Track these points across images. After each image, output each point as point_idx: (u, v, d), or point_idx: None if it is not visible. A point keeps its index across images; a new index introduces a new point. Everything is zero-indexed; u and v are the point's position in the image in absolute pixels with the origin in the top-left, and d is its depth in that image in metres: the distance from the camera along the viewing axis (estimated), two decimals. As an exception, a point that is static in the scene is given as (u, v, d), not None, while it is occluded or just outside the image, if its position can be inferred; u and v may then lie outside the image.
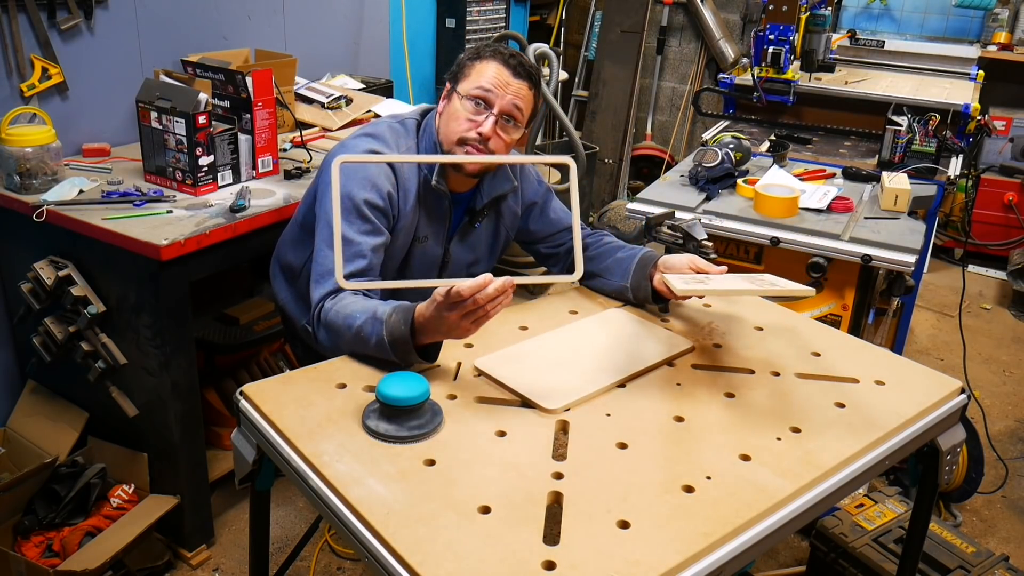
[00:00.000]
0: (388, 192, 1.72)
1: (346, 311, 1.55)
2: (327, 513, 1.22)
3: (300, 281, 1.93)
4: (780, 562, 2.49)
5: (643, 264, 1.79)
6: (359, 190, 1.68)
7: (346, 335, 1.54)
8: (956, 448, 1.57)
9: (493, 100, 1.71)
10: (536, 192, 1.97)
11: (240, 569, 2.38)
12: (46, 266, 2.20)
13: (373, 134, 1.79)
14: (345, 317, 1.54)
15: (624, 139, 5.07)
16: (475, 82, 1.72)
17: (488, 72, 1.71)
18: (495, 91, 1.70)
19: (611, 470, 1.27)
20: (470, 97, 1.71)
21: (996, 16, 4.67)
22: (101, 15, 2.56)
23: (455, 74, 1.77)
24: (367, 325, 1.50)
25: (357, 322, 1.52)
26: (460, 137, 1.72)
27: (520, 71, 1.72)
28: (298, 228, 1.94)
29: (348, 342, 1.55)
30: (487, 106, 1.71)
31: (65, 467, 2.34)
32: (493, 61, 1.72)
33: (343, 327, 1.54)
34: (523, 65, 1.73)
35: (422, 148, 1.81)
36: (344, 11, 3.51)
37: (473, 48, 1.79)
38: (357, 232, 1.66)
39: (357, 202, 1.67)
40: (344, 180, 1.70)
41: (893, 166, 2.79)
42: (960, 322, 3.27)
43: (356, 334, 1.52)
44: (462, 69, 1.76)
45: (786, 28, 3.17)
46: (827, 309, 2.34)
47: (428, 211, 1.81)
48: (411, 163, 1.78)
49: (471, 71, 1.73)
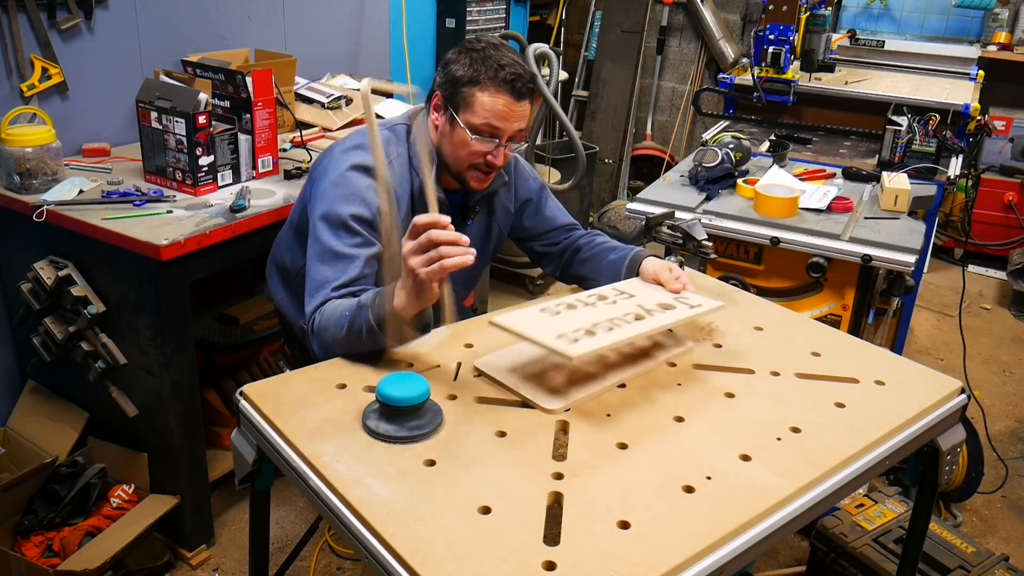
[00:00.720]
0: (378, 207, 1.70)
1: (335, 314, 1.55)
2: (327, 513, 1.22)
3: (296, 282, 1.93)
4: (780, 562, 2.49)
5: (632, 265, 1.81)
6: (344, 205, 1.66)
7: (339, 336, 1.53)
8: (956, 448, 1.57)
9: (501, 132, 1.69)
10: (531, 189, 1.97)
11: (240, 569, 2.38)
12: (46, 266, 2.20)
13: (363, 145, 1.76)
14: (336, 320, 1.54)
15: (624, 139, 5.07)
16: (480, 116, 1.67)
17: (495, 104, 1.66)
18: (502, 125, 1.68)
19: (611, 470, 1.27)
20: (476, 130, 1.69)
21: (996, 16, 4.67)
22: (101, 15, 2.56)
23: (452, 95, 1.70)
24: (356, 317, 1.50)
25: (346, 318, 1.52)
26: (469, 164, 1.73)
27: (522, 92, 1.68)
28: (292, 231, 1.94)
29: (342, 343, 1.54)
30: (493, 135, 1.69)
31: (65, 467, 2.34)
32: (496, 92, 1.66)
33: (334, 328, 1.54)
34: (522, 80, 1.67)
35: (413, 155, 1.79)
36: (344, 11, 3.51)
37: (466, 65, 1.68)
38: (347, 245, 1.65)
39: (344, 218, 1.65)
40: (331, 196, 1.69)
41: (893, 166, 2.79)
42: (960, 322, 3.27)
43: (348, 330, 1.51)
44: (461, 94, 1.68)
45: (786, 28, 3.17)
46: (827, 309, 2.34)
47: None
48: (404, 172, 1.77)
49: (473, 101, 1.67)
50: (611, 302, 1.62)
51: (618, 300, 1.63)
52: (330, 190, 1.70)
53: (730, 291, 1.94)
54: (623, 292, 1.68)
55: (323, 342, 1.58)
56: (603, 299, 1.63)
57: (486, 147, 1.70)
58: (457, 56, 1.71)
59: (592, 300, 1.62)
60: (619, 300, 1.63)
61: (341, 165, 1.73)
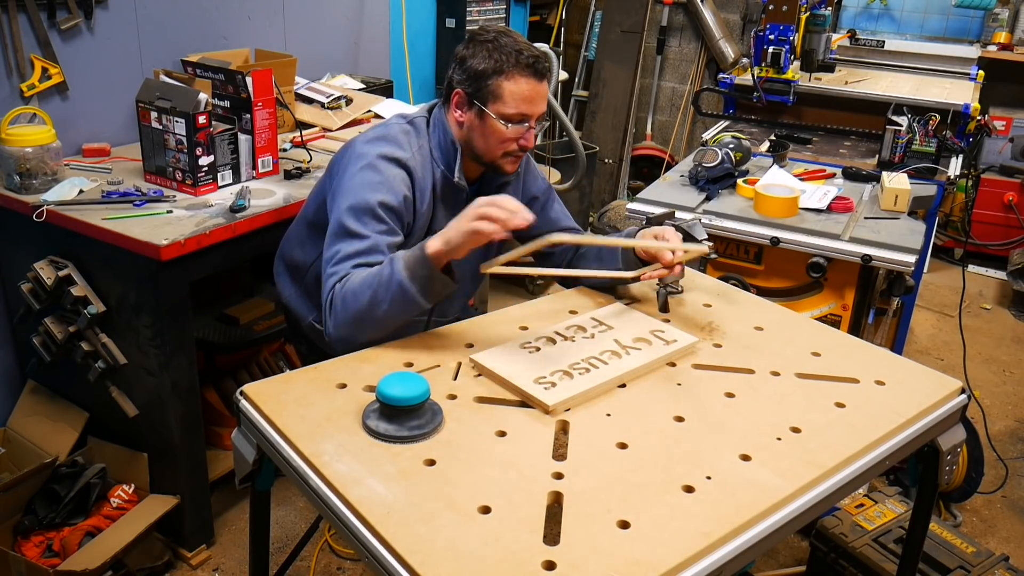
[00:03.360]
0: (405, 195, 1.73)
1: (357, 281, 1.57)
2: (327, 513, 1.22)
3: (307, 278, 1.94)
4: (780, 562, 2.49)
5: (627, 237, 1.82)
6: (373, 193, 1.68)
7: (361, 303, 1.54)
8: (956, 448, 1.57)
9: (532, 114, 1.73)
10: (539, 187, 1.98)
11: (240, 569, 2.38)
12: (46, 266, 2.20)
13: (386, 136, 1.78)
14: (359, 286, 1.56)
15: (624, 139, 5.07)
16: (512, 105, 1.70)
17: (522, 90, 1.70)
18: (531, 109, 1.72)
19: (611, 470, 1.27)
20: (509, 119, 1.71)
21: (996, 16, 4.67)
22: (101, 15, 2.56)
23: (477, 90, 1.71)
24: (383, 274, 1.53)
25: (374, 277, 1.54)
26: (503, 152, 1.76)
27: (542, 72, 1.72)
28: (306, 226, 1.94)
29: (363, 311, 1.55)
30: (524, 120, 1.73)
31: (65, 467, 2.34)
32: (522, 77, 1.70)
33: (357, 295, 1.55)
34: (540, 61, 1.72)
35: (433, 146, 1.81)
36: (344, 11, 3.51)
37: (485, 57, 1.71)
38: (372, 231, 1.67)
39: (372, 204, 1.67)
40: (357, 184, 1.71)
41: (893, 166, 2.79)
42: (960, 322, 3.27)
43: (374, 292, 1.53)
44: (487, 87, 1.70)
45: (786, 28, 3.17)
46: (827, 309, 2.34)
47: (446, 205, 1.83)
48: (426, 164, 1.79)
49: (501, 92, 1.70)
50: (588, 335, 1.65)
51: (596, 334, 1.66)
52: (357, 178, 1.71)
53: (730, 291, 1.94)
54: (601, 323, 1.70)
55: (342, 314, 1.58)
56: (581, 330, 1.67)
57: (519, 133, 1.74)
58: (471, 50, 1.73)
59: (571, 333, 1.65)
60: (597, 333, 1.66)
61: (368, 155, 1.74)
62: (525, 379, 1.45)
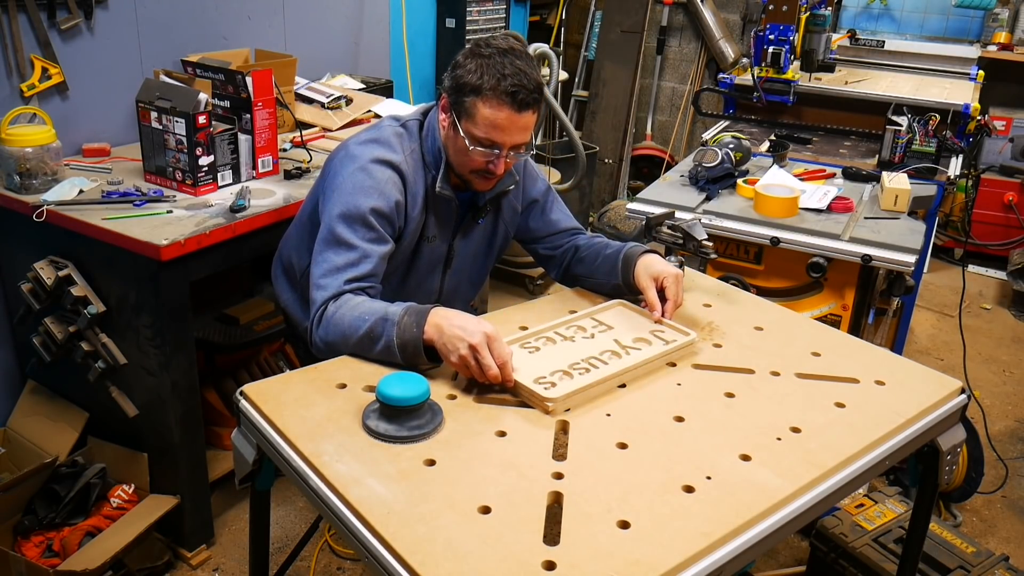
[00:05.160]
0: (397, 200, 1.71)
1: (355, 312, 1.55)
2: (327, 513, 1.22)
3: (303, 282, 1.93)
4: (780, 562, 2.49)
5: (627, 261, 1.79)
6: (365, 198, 1.68)
7: (350, 336, 1.54)
8: (956, 448, 1.57)
9: (503, 143, 1.67)
10: (538, 190, 1.97)
11: (240, 569, 2.38)
12: (46, 266, 2.20)
13: (379, 139, 1.77)
14: (353, 319, 1.54)
15: (624, 139, 5.07)
16: (481, 128, 1.65)
17: (496, 117, 1.64)
18: (501, 138, 1.67)
19: (611, 470, 1.27)
20: (476, 141, 1.67)
21: (996, 16, 4.67)
22: (101, 15, 2.56)
23: (456, 102, 1.68)
24: (377, 326, 1.51)
25: (366, 322, 1.52)
26: (471, 169, 1.73)
27: (524, 103, 1.64)
28: (304, 228, 1.93)
29: (349, 343, 1.55)
30: (493, 147, 1.68)
31: (65, 467, 2.34)
32: (498, 105, 1.63)
33: (349, 327, 1.54)
34: (525, 92, 1.63)
35: (426, 150, 1.80)
36: (344, 11, 3.51)
37: (472, 71, 1.64)
38: (362, 240, 1.66)
39: (363, 211, 1.67)
40: (349, 188, 1.70)
41: (893, 166, 2.79)
42: (960, 322, 3.27)
43: (364, 334, 1.52)
44: (464, 103, 1.66)
45: (786, 28, 3.17)
46: (827, 309, 2.34)
47: (436, 212, 1.82)
48: (418, 167, 1.78)
49: (475, 111, 1.65)
50: (588, 335, 1.65)
51: (596, 334, 1.66)
52: (348, 182, 1.70)
53: (730, 291, 1.94)
54: (601, 323, 1.70)
55: (329, 335, 1.58)
56: (581, 331, 1.66)
57: (486, 157, 1.69)
58: (465, 60, 1.68)
59: (571, 333, 1.65)
60: (597, 333, 1.66)
61: (360, 158, 1.73)
62: (525, 379, 1.45)
